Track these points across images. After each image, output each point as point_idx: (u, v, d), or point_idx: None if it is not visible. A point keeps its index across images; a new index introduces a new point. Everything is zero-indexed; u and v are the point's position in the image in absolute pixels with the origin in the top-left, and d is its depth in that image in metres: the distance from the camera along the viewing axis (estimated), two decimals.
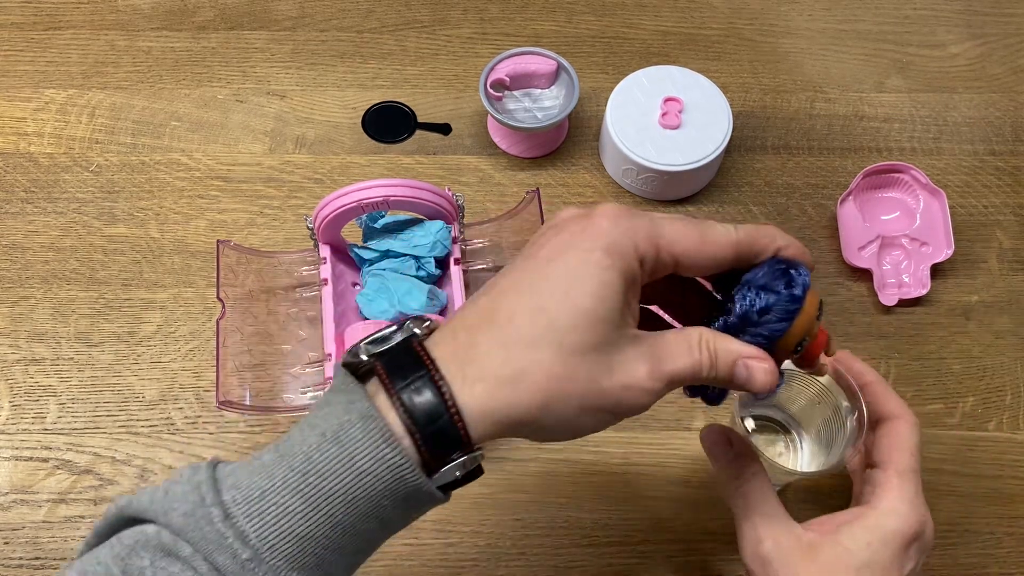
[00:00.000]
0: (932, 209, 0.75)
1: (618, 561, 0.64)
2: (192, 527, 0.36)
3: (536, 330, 0.37)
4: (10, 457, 0.66)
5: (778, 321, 0.41)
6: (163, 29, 0.85)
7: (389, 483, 0.37)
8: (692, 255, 0.40)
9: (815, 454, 0.62)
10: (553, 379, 0.37)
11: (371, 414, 0.37)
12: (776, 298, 0.41)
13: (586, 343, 0.37)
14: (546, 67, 0.77)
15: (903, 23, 0.87)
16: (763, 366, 0.41)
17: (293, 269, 0.70)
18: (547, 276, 0.38)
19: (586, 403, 0.38)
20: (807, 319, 0.42)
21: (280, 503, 0.36)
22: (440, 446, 0.37)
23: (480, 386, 0.37)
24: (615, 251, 0.38)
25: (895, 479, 0.51)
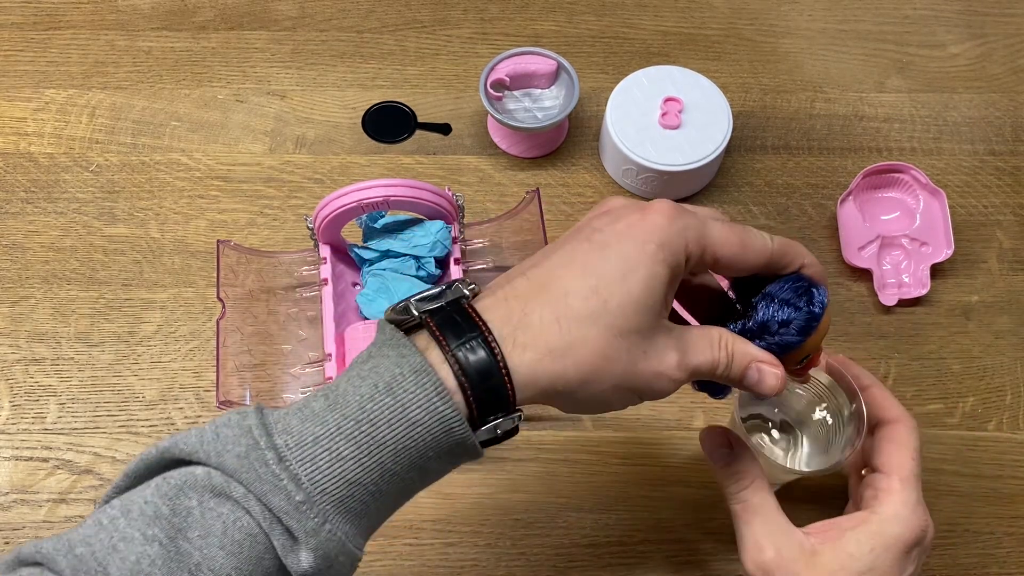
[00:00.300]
0: (932, 209, 0.75)
1: (618, 561, 0.64)
2: (246, 468, 0.37)
3: (589, 308, 0.39)
4: (10, 457, 0.66)
5: (795, 335, 0.44)
6: (163, 29, 0.85)
7: (438, 435, 0.39)
8: (732, 259, 0.43)
9: (815, 453, 0.62)
10: (598, 356, 0.39)
11: (424, 368, 0.38)
12: (798, 314, 0.44)
13: (631, 327, 0.40)
14: (546, 67, 0.77)
15: (903, 23, 0.87)
16: (775, 371, 0.44)
17: (293, 269, 0.70)
18: (604, 260, 0.40)
19: (621, 383, 0.40)
20: (820, 337, 0.45)
21: (333, 449, 0.38)
22: (489, 404, 0.39)
23: (530, 353, 0.39)
24: (668, 247, 0.40)
25: (897, 484, 0.51)
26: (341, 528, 0.38)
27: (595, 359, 0.39)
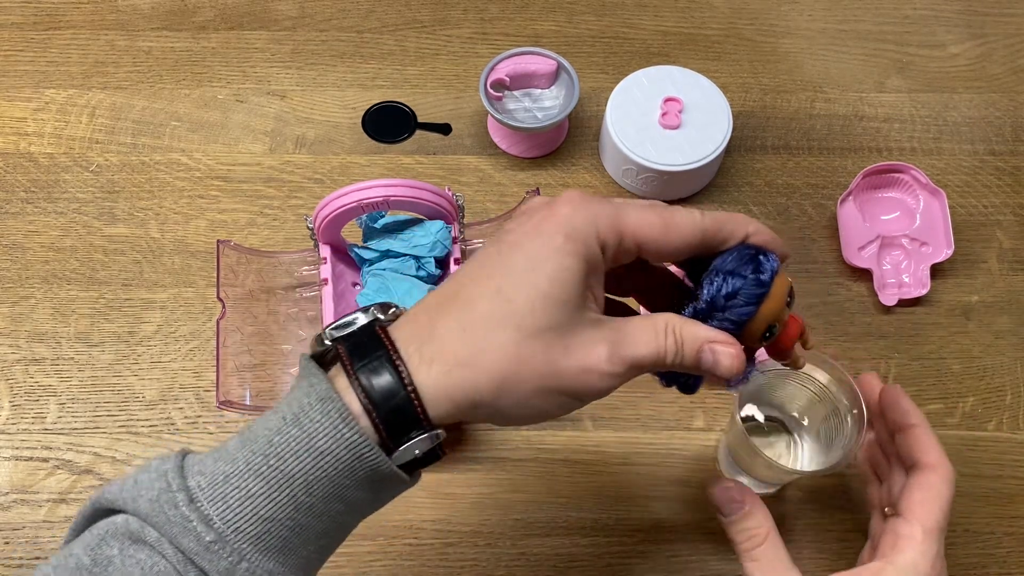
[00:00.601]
0: (932, 209, 0.75)
1: (618, 561, 0.64)
2: (157, 512, 0.37)
3: (494, 312, 0.38)
4: (10, 457, 0.66)
5: (745, 305, 0.41)
6: (163, 29, 0.85)
7: (349, 463, 0.37)
8: (657, 240, 0.40)
9: (815, 453, 0.62)
10: (509, 359, 0.37)
11: (330, 395, 0.37)
12: (743, 282, 0.41)
13: (543, 325, 0.38)
14: (546, 67, 0.77)
15: (903, 23, 0.87)
16: (728, 350, 0.40)
17: (293, 269, 0.70)
18: (509, 261, 0.39)
19: (542, 385, 0.38)
20: (775, 304, 0.42)
21: (243, 486, 0.37)
22: (398, 425, 0.37)
23: (437, 366, 0.37)
24: (576, 236, 0.38)
25: (920, 534, 0.49)
26: (262, 566, 0.37)
27: (506, 363, 0.37)
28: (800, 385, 0.61)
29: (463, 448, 0.67)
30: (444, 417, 0.38)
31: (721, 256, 0.42)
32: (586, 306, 0.39)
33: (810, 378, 0.60)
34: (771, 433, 0.64)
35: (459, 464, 0.67)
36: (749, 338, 0.42)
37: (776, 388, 0.62)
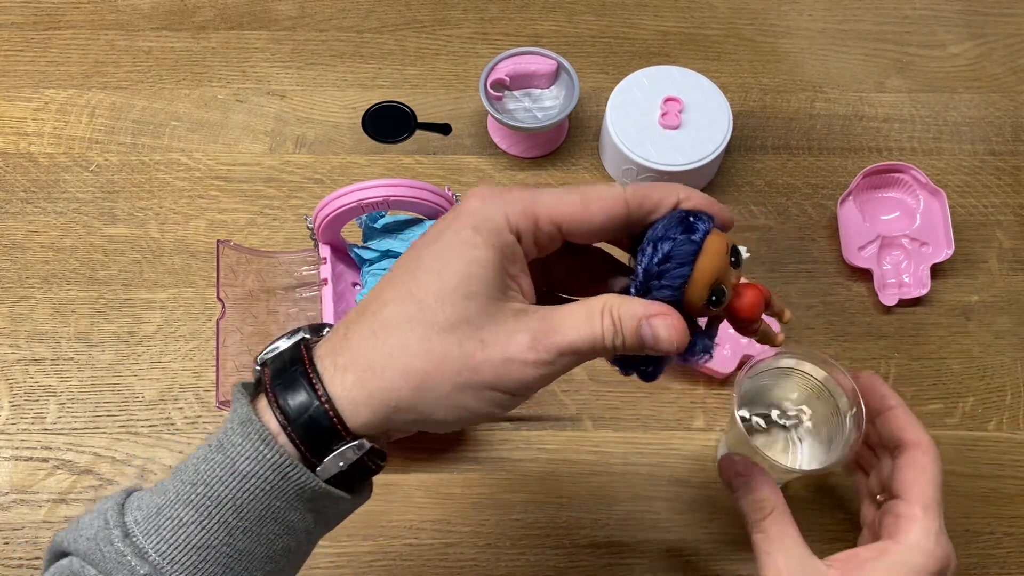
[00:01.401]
0: (932, 209, 0.75)
1: (618, 561, 0.64)
2: (95, 551, 0.37)
3: (403, 312, 0.37)
4: (10, 457, 0.66)
5: (678, 267, 0.38)
6: (163, 29, 0.85)
7: (275, 483, 0.37)
8: (576, 219, 0.38)
9: (815, 452, 0.62)
10: (421, 358, 0.36)
11: (249, 418, 0.37)
12: (672, 244, 0.38)
13: (455, 318, 0.36)
14: (546, 67, 0.77)
15: (903, 23, 0.87)
16: (665, 321, 0.38)
17: (293, 269, 0.70)
18: (419, 261, 0.38)
19: (461, 380, 0.37)
20: (710, 262, 0.39)
21: (175, 516, 0.37)
22: (317, 439, 0.37)
23: (351, 374, 0.37)
24: (485, 227, 0.37)
25: (919, 512, 0.50)
26: None
27: (418, 362, 0.36)
28: (799, 384, 0.61)
29: (463, 448, 0.67)
30: (366, 426, 0.37)
31: (652, 227, 0.40)
32: (506, 297, 0.38)
33: (809, 377, 0.60)
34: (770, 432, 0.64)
35: (459, 464, 0.67)
36: (693, 305, 0.39)
37: (775, 388, 0.62)
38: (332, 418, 0.37)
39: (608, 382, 0.70)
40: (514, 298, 0.38)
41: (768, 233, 0.76)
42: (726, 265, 0.39)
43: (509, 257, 0.38)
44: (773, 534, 0.50)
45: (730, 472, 0.53)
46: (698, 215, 0.39)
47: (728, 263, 0.39)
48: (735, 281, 0.40)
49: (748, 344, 0.69)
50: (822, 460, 0.60)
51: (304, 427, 0.37)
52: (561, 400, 0.69)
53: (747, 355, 0.69)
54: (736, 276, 0.40)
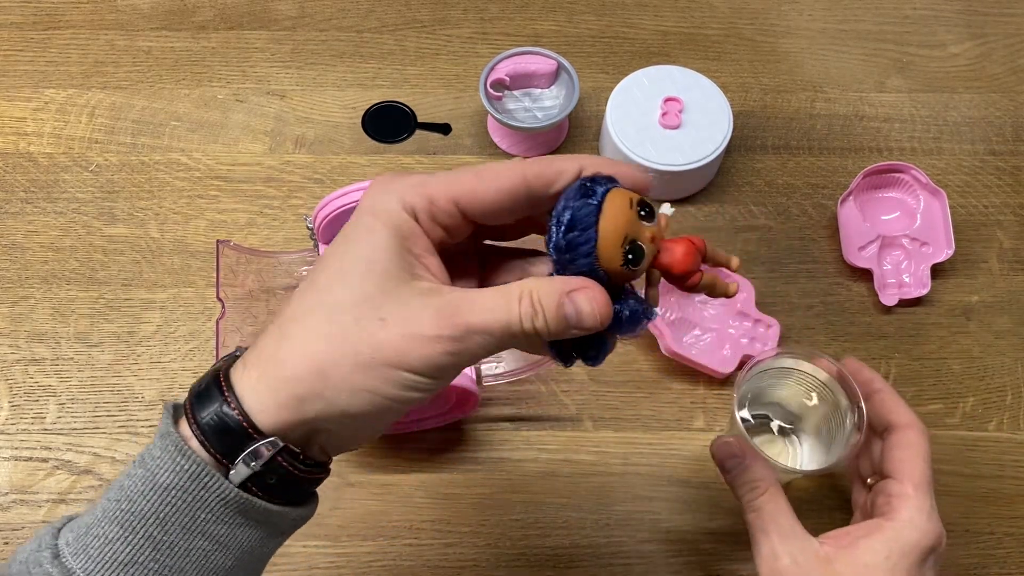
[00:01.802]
0: (932, 209, 0.75)
1: (618, 561, 0.64)
2: (24, 573, 0.37)
3: (305, 302, 0.37)
4: (10, 457, 0.66)
5: (581, 233, 0.36)
6: (163, 29, 0.84)
7: (195, 493, 0.36)
8: (472, 194, 0.37)
9: (815, 452, 0.62)
10: (320, 340, 0.35)
11: (168, 431, 0.37)
12: (571, 211, 0.36)
13: (353, 298, 0.36)
14: (546, 67, 0.77)
15: (903, 23, 0.87)
16: (587, 295, 0.36)
17: (293, 269, 0.70)
18: (325, 256, 0.38)
19: (362, 359, 0.35)
20: (612, 220, 0.36)
21: (101, 534, 0.36)
22: (226, 440, 0.36)
23: (255, 370, 0.36)
24: (378, 210, 0.37)
25: (911, 490, 0.51)
26: None
27: (318, 345, 0.35)
28: (799, 384, 0.61)
29: (463, 448, 0.67)
30: (278, 424, 0.36)
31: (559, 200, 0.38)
32: (412, 275, 0.37)
33: (810, 377, 0.60)
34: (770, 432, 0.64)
35: (459, 464, 0.67)
36: (613, 271, 0.37)
37: (775, 387, 0.62)
38: (239, 417, 0.36)
39: (608, 382, 0.70)
40: (421, 277, 0.37)
41: (768, 233, 0.76)
42: (633, 219, 0.37)
43: (408, 236, 0.37)
44: (767, 513, 0.50)
45: (723, 452, 0.53)
46: (596, 179, 0.37)
47: (635, 217, 0.37)
48: (654, 236, 0.38)
49: (748, 344, 0.69)
50: (822, 461, 0.60)
51: (213, 429, 0.36)
52: (561, 400, 0.69)
53: (747, 355, 0.69)
54: (655, 231, 0.38)
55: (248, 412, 0.36)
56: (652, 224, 0.38)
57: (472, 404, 0.64)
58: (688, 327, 0.71)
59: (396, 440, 0.67)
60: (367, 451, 0.67)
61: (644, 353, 0.71)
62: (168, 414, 0.38)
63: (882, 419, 0.55)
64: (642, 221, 0.37)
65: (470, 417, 0.68)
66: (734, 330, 0.70)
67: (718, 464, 0.53)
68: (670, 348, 0.68)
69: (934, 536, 0.50)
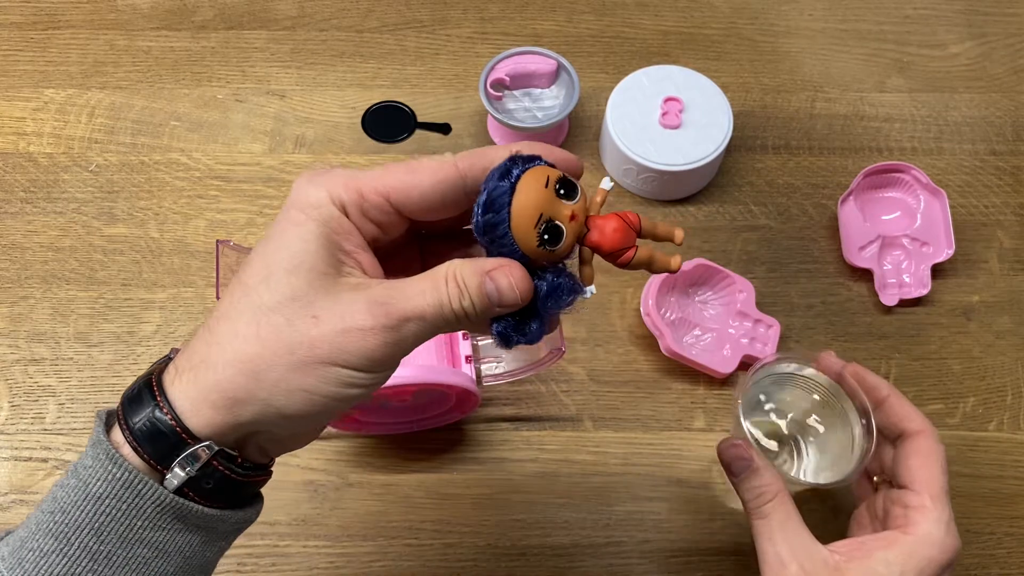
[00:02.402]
0: (933, 209, 0.75)
1: (618, 561, 0.64)
2: None
3: (233, 302, 0.36)
4: (9, 457, 0.66)
5: (497, 213, 0.35)
6: (163, 29, 0.84)
7: (129, 500, 0.35)
8: (403, 188, 0.37)
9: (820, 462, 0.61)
10: (251, 341, 0.35)
11: (99, 439, 0.36)
12: (487, 191, 0.35)
13: (281, 296, 0.35)
14: (546, 67, 0.77)
15: (903, 23, 0.87)
16: (503, 271, 0.35)
17: None
18: (253, 256, 0.37)
19: (296, 358, 0.34)
20: (525, 199, 0.35)
21: (36, 547, 0.36)
22: (159, 446, 0.35)
23: (187, 373, 0.36)
24: (304, 203, 0.36)
25: (929, 501, 0.49)
26: None
27: (249, 346, 0.34)
28: (805, 390, 0.60)
29: (463, 448, 0.67)
30: (212, 427, 0.35)
31: None
32: (340, 271, 0.36)
33: (813, 382, 0.59)
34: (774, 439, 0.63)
35: (459, 464, 0.67)
36: (529, 251, 0.36)
37: (780, 393, 0.62)
38: (171, 422, 0.35)
39: (608, 382, 0.70)
40: (351, 273, 0.36)
41: (768, 233, 0.76)
42: (548, 198, 0.35)
43: (337, 230, 0.36)
44: (776, 520, 0.49)
45: (731, 455, 0.51)
46: (517, 158, 0.36)
47: (552, 196, 0.35)
48: (574, 214, 0.36)
49: (749, 344, 0.69)
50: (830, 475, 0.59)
51: (145, 435, 0.35)
52: (561, 400, 0.69)
53: (748, 355, 0.69)
54: (576, 208, 0.36)
55: (180, 416, 0.35)
56: (572, 202, 0.36)
57: (472, 404, 0.64)
58: (688, 327, 0.71)
59: (396, 440, 0.67)
60: (367, 451, 0.67)
61: (644, 353, 0.71)
62: (100, 422, 0.37)
63: (894, 426, 0.53)
64: (561, 200, 0.36)
65: (470, 417, 0.68)
66: (734, 330, 0.70)
67: (725, 466, 0.52)
68: (670, 348, 0.68)
69: (952, 551, 0.48)
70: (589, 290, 0.38)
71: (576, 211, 0.36)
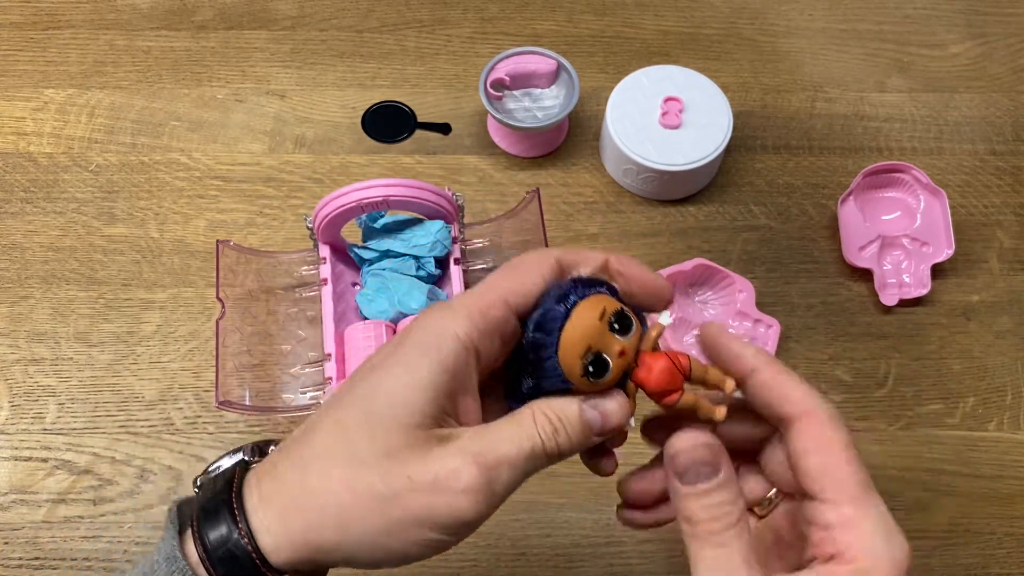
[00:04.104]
0: (933, 209, 0.75)
1: (618, 561, 0.64)
2: None
3: (329, 444, 0.34)
4: (10, 457, 0.66)
5: (547, 335, 0.35)
6: (162, 29, 0.84)
7: None
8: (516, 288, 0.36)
9: None
10: (343, 493, 0.34)
11: (174, 555, 0.35)
12: (543, 310, 0.35)
13: (379, 452, 0.33)
14: (546, 67, 0.77)
15: (903, 23, 0.87)
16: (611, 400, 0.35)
17: (293, 269, 0.70)
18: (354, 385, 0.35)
19: (390, 518, 0.33)
20: (573, 331, 0.34)
21: None
22: (232, 571, 0.35)
23: (274, 507, 0.35)
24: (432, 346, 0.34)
25: (851, 509, 0.34)
26: None
27: (341, 497, 0.33)
28: None
29: None
30: (290, 563, 0.35)
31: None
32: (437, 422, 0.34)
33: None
34: None
35: None
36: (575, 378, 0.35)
37: None
38: (252, 554, 0.34)
39: None
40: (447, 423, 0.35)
41: (768, 233, 0.76)
42: (600, 331, 0.35)
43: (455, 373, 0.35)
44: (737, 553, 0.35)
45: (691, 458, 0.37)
46: (580, 281, 0.36)
47: (604, 329, 0.35)
48: (624, 350, 0.35)
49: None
50: None
51: (223, 560, 0.35)
52: None
53: None
54: (627, 345, 0.35)
55: (262, 549, 0.35)
56: (625, 338, 0.35)
57: None
58: (688, 327, 0.71)
59: None
60: None
61: None
62: (172, 527, 0.36)
63: (772, 411, 0.37)
64: (614, 334, 0.35)
65: None
66: (734, 330, 0.70)
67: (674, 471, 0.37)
68: (670, 348, 0.68)
69: (904, 557, 0.34)
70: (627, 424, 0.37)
71: (627, 348, 0.35)
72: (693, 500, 0.36)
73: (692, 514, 0.36)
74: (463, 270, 0.68)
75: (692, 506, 0.36)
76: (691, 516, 0.36)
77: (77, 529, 0.64)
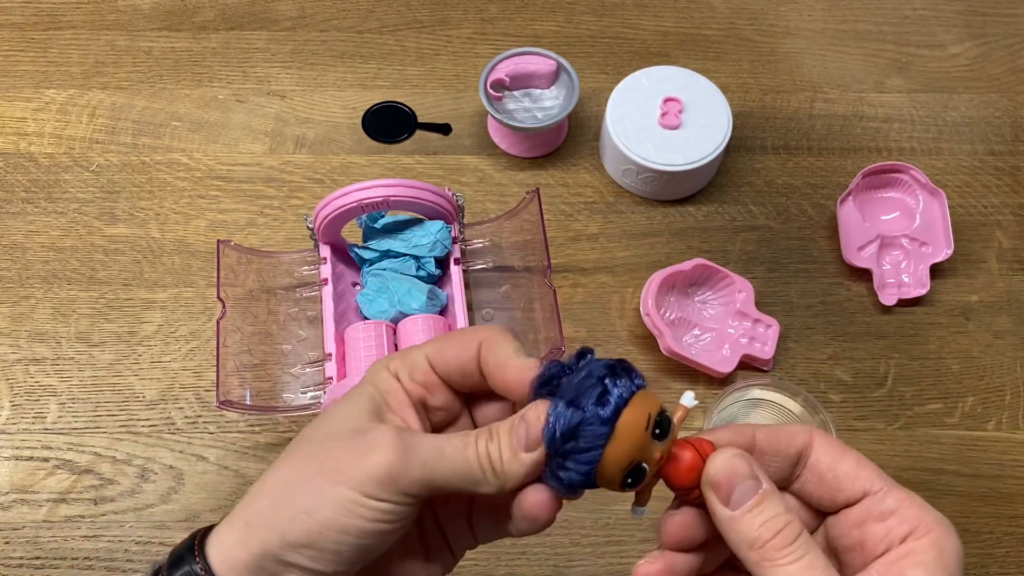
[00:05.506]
0: (932, 209, 0.75)
1: (618, 561, 0.64)
2: None
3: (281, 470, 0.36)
4: (10, 457, 0.66)
5: (586, 451, 0.33)
6: (163, 29, 0.85)
7: None
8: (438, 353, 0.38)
9: None
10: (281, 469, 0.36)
11: None
12: (581, 418, 0.32)
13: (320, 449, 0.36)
14: (546, 67, 0.77)
15: (903, 23, 0.87)
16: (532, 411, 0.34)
17: (293, 269, 0.70)
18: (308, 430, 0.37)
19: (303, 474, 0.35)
20: (621, 447, 0.32)
21: None
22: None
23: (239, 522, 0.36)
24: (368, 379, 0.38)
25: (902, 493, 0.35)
26: None
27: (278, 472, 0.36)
28: (774, 415, 0.60)
29: None
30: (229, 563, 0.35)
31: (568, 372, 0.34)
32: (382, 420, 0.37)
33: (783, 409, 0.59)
34: None
35: None
36: (608, 484, 0.34)
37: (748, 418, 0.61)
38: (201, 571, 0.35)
39: None
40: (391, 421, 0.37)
41: (768, 233, 0.76)
42: (646, 443, 0.33)
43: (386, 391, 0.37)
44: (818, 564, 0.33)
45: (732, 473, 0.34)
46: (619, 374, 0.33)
47: (649, 440, 0.33)
48: (662, 455, 0.34)
49: (748, 344, 0.69)
50: None
51: None
52: None
53: (747, 354, 0.69)
54: (665, 450, 0.34)
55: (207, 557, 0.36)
56: (663, 443, 0.34)
57: None
58: (688, 327, 0.71)
59: None
60: None
61: (644, 353, 0.71)
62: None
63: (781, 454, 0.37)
64: (655, 440, 0.33)
65: None
66: (733, 330, 0.70)
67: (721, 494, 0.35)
68: (670, 348, 0.68)
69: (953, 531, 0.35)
70: (641, 511, 0.36)
71: (664, 452, 0.34)
72: (748, 521, 0.34)
73: (756, 536, 0.34)
74: (463, 270, 0.68)
75: (749, 527, 0.34)
76: (755, 539, 0.34)
77: (78, 529, 0.64)
